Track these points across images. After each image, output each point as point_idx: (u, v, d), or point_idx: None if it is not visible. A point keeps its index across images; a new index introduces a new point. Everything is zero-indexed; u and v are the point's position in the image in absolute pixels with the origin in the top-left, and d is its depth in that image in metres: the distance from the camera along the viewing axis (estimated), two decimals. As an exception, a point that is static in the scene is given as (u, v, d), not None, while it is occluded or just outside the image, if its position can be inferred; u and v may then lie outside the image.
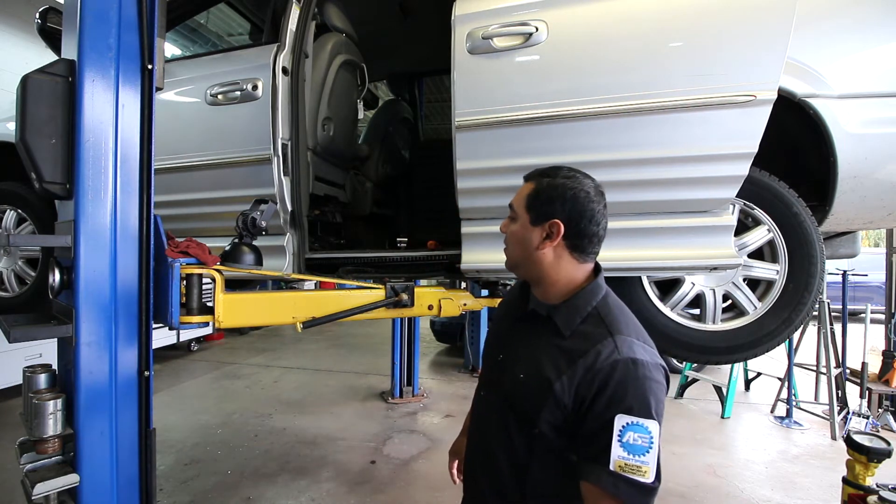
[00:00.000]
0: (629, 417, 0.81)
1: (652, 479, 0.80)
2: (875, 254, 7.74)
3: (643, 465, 0.80)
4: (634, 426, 0.80)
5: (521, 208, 0.99)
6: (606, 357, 0.85)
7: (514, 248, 1.01)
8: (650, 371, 0.85)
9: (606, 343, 0.87)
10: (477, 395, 1.16)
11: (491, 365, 1.11)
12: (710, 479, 3.14)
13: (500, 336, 1.13)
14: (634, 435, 0.80)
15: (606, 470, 0.80)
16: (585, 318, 0.93)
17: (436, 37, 2.43)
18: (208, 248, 1.47)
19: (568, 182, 0.96)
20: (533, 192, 0.98)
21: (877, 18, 1.44)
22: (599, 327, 0.91)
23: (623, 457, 0.80)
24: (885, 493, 1.74)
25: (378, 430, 3.91)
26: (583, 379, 0.86)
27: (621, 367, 0.84)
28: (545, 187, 0.97)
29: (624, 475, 0.80)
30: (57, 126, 1.16)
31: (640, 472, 0.80)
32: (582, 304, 0.95)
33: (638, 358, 0.85)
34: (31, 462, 1.13)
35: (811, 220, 1.57)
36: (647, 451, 0.80)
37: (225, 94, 1.92)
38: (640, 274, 1.65)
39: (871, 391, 4.13)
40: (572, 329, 0.93)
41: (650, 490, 0.80)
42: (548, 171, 1.00)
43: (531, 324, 1.02)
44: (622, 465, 0.80)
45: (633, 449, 0.80)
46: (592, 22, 1.47)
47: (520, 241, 0.99)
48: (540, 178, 0.99)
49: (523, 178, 1.04)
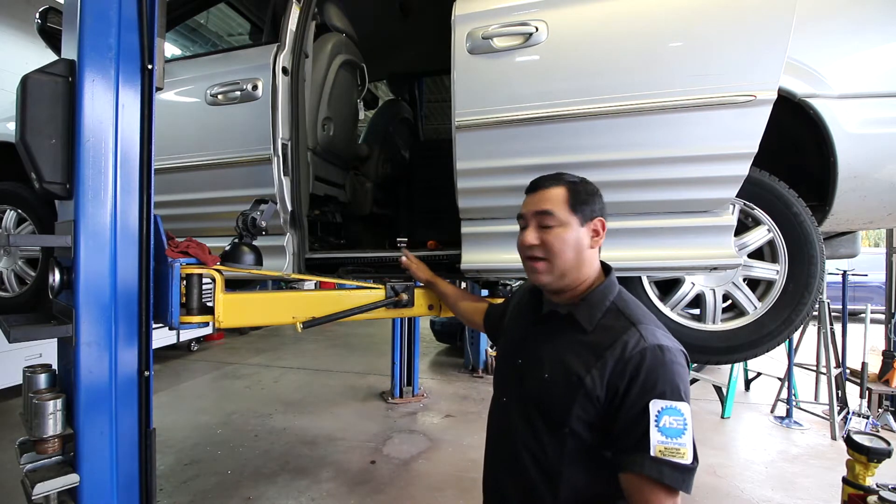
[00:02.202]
0: (663, 402, 0.83)
1: (690, 460, 0.83)
2: (875, 254, 7.73)
3: (681, 446, 0.82)
4: (669, 409, 0.83)
5: (564, 211, 0.98)
6: (634, 346, 0.88)
7: (566, 254, 0.98)
8: (676, 356, 0.88)
9: (631, 333, 0.90)
10: (496, 402, 1.14)
11: (509, 370, 1.10)
12: (710, 479, 3.14)
13: (515, 341, 1.12)
14: (670, 419, 0.83)
15: (648, 457, 0.82)
16: (605, 313, 0.96)
17: (436, 37, 2.43)
18: (208, 248, 1.47)
19: (587, 181, 1.03)
20: (570, 193, 0.99)
21: (877, 18, 1.44)
22: (620, 320, 0.94)
23: (662, 441, 0.82)
24: (885, 493, 1.74)
25: (378, 430, 3.92)
26: (614, 369, 0.88)
27: (650, 355, 0.87)
28: (579, 187, 1.00)
29: (666, 459, 0.81)
30: (57, 126, 1.16)
31: (680, 454, 0.82)
32: (601, 300, 0.98)
33: (664, 344, 0.88)
34: (31, 462, 1.13)
35: (811, 220, 1.57)
36: (683, 433, 0.83)
37: (225, 94, 1.92)
38: (640, 274, 1.65)
39: (871, 391, 4.14)
40: (594, 324, 0.95)
41: (691, 470, 0.82)
42: (562, 175, 1.03)
43: (549, 325, 1.03)
44: (662, 450, 0.82)
45: (671, 432, 0.82)
46: (592, 22, 1.47)
47: (573, 245, 0.98)
48: (565, 181, 1.01)
49: (541, 186, 1.03)
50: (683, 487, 0.82)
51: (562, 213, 0.98)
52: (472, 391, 4.99)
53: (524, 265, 1.05)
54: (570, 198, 0.99)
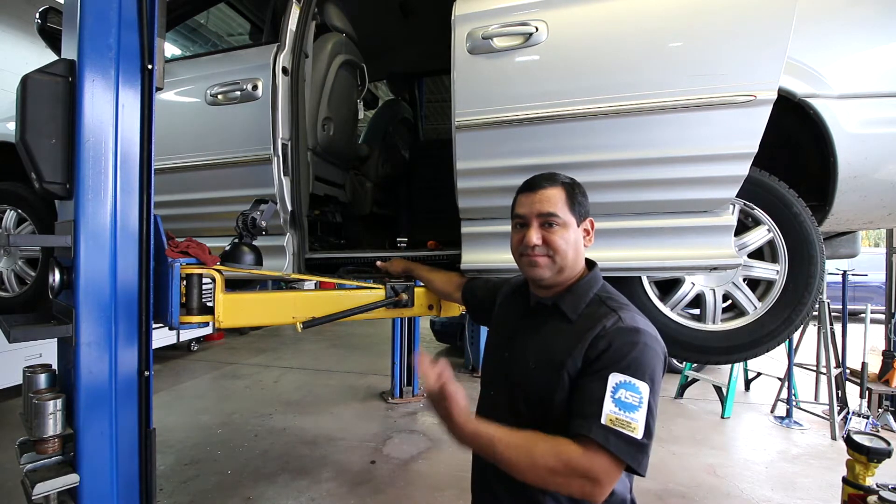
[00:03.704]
0: (623, 376, 0.87)
1: (641, 436, 0.84)
2: (875, 254, 7.74)
3: (633, 421, 0.84)
4: (626, 384, 0.86)
5: (565, 213, 1.02)
6: (612, 325, 0.93)
7: (569, 252, 1.02)
8: (650, 340, 0.91)
9: (611, 316, 0.95)
10: (484, 397, 1.16)
11: (496, 364, 1.13)
12: (710, 479, 3.14)
13: (503, 336, 1.15)
14: (627, 392, 0.86)
15: (597, 422, 0.85)
16: (588, 303, 1.00)
17: (436, 37, 2.43)
18: (208, 248, 1.48)
19: (576, 181, 1.06)
20: (568, 194, 1.03)
21: (877, 18, 1.44)
22: (602, 307, 0.98)
23: (614, 411, 0.85)
24: (885, 493, 1.75)
25: (378, 430, 3.91)
26: (591, 345, 0.93)
27: (624, 333, 0.91)
28: (573, 189, 1.04)
29: (614, 428, 0.84)
30: (57, 126, 1.16)
31: (630, 428, 0.84)
32: (585, 291, 1.02)
33: (640, 327, 0.92)
34: (31, 462, 1.13)
35: (811, 220, 1.57)
36: (637, 409, 0.85)
37: (225, 94, 1.92)
38: (640, 274, 1.65)
39: (871, 391, 4.14)
40: (578, 313, 0.99)
41: (640, 445, 0.84)
42: (555, 175, 1.06)
43: (535, 317, 1.07)
44: (612, 419, 0.84)
45: (624, 406, 0.85)
46: (592, 22, 1.47)
47: (574, 244, 1.02)
48: (561, 182, 1.04)
49: (539, 186, 1.04)
50: (629, 460, 0.83)
51: (564, 214, 1.02)
52: (472, 391, 4.89)
53: (520, 262, 1.07)
54: (568, 199, 1.02)
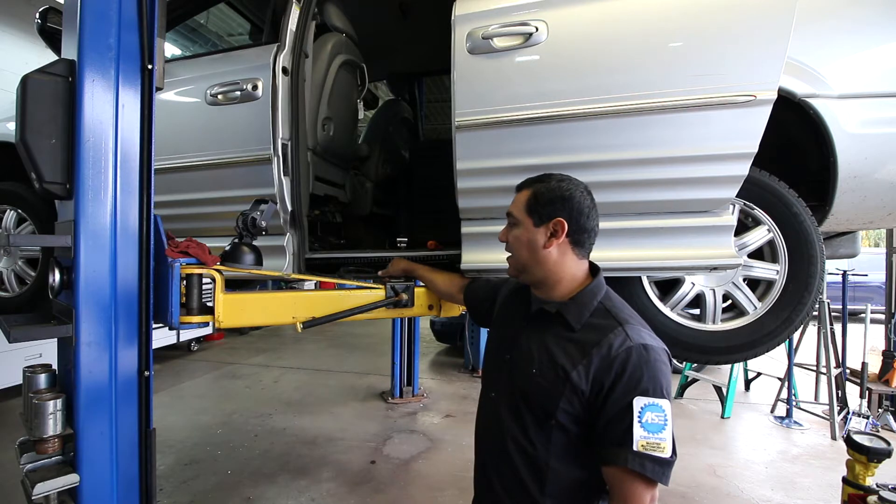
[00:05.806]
0: (646, 399, 0.88)
1: (670, 454, 0.88)
2: (875, 254, 7.74)
3: (662, 441, 0.87)
4: (651, 406, 0.88)
5: (521, 213, 1.07)
6: (620, 344, 0.93)
7: (521, 252, 1.07)
8: (659, 354, 0.93)
9: (617, 332, 0.95)
10: (484, 398, 1.17)
11: (498, 367, 1.13)
12: (710, 479, 3.14)
13: (503, 338, 1.15)
14: (652, 415, 0.88)
15: (631, 451, 0.87)
16: (593, 312, 1.00)
17: (436, 37, 2.43)
18: (208, 248, 1.47)
19: (563, 184, 1.06)
20: (532, 196, 1.06)
21: (877, 18, 1.44)
22: (607, 319, 0.98)
23: (644, 436, 0.87)
24: (885, 493, 1.75)
25: (378, 430, 3.92)
26: (599, 366, 0.93)
27: (635, 353, 0.91)
28: (543, 191, 1.06)
29: (647, 453, 0.87)
30: (57, 126, 1.16)
31: (660, 449, 0.87)
32: (589, 300, 1.02)
33: (648, 343, 0.93)
34: (31, 462, 1.13)
35: (811, 220, 1.57)
36: (664, 428, 0.88)
37: (225, 94, 1.91)
38: (640, 274, 1.65)
39: (871, 391, 4.14)
40: (582, 323, 1.00)
41: (670, 464, 0.88)
42: (541, 178, 1.09)
43: (538, 322, 1.07)
44: (644, 444, 0.87)
45: (652, 428, 0.88)
46: (592, 22, 1.47)
47: (526, 244, 1.06)
48: (535, 184, 1.08)
49: (516, 188, 1.12)
50: (662, 480, 0.87)
51: (520, 215, 1.07)
52: (472, 391, 4.98)
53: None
54: (529, 200, 1.06)
